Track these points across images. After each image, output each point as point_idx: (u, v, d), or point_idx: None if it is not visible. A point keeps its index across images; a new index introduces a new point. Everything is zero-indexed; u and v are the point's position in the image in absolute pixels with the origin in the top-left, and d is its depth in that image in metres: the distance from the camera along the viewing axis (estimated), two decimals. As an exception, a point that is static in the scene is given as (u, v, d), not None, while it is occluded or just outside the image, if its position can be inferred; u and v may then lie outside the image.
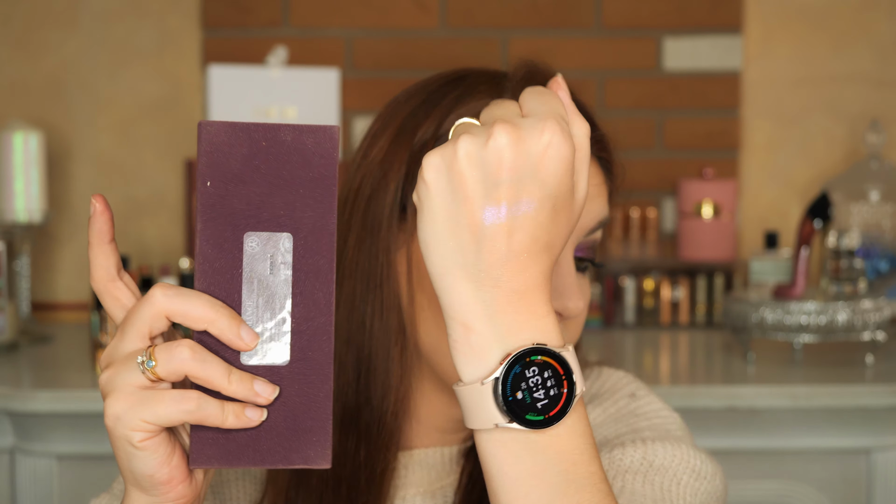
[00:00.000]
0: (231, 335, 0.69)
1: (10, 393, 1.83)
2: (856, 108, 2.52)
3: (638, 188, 2.49)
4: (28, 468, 1.88)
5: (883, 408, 1.85)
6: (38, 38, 2.46)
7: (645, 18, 2.49)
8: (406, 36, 2.48)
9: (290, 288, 0.71)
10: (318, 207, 0.71)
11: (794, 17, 2.52)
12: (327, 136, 0.71)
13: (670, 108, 2.50)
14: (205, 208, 0.70)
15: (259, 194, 0.71)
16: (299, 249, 0.71)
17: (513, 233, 0.70)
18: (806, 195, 2.51)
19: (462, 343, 0.71)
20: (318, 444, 0.71)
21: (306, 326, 0.71)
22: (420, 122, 0.93)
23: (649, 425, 0.97)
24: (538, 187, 0.70)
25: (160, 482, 0.71)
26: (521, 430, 0.70)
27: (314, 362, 0.71)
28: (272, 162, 0.71)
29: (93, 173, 2.48)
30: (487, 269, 0.70)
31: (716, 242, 2.39)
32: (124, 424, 0.69)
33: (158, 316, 0.69)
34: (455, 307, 0.71)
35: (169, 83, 2.48)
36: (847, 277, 2.05)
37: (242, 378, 0.69)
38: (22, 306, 2.26)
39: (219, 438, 0.70)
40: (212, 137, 0.70)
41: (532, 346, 0.70)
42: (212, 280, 0.70)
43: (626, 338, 2.30)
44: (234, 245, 0.71)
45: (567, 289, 0.90)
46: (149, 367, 0.69)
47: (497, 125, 0.69)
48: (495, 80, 0.95)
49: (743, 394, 1.84)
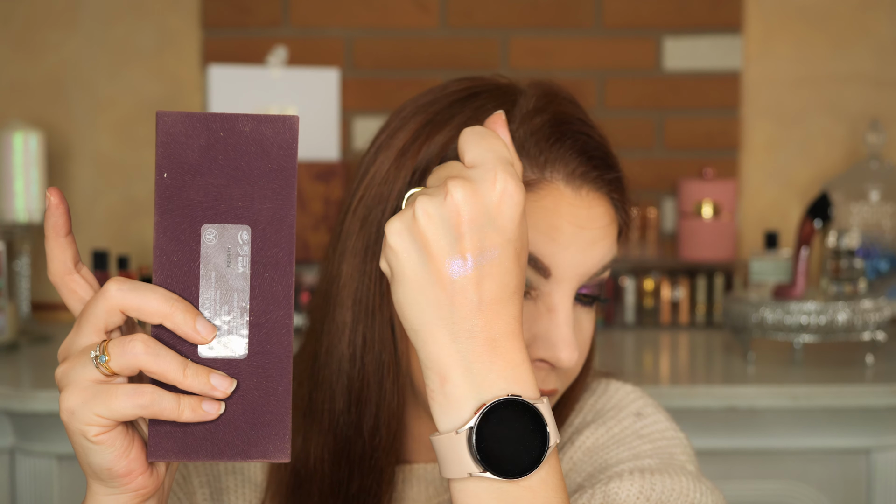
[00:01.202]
0: (187, 329, 0.69)
1: (10, 393, 1.83)
2: (856, 108, 2.52)
3: (638, 188, 2.49)
4: (28, 468, 1.88)
5: (883, 408, 1.85)
6: (38, 38, 2.46)
7: (645, 18, 2.49)
8: (406, 36, 2.48)
9: (248, 281, 0.70)
10: (277, 199, 0.70)
11: (794, 17, 2.52)
12: (286, 126, 0.70)
13: (670, 108, 2.50)
14: (161, 200, 0.69)
15: (217, 186, 0.70)
16: (257, 242, 0.70)
17: (481, 282, 0.71)
18: (806, 195, 2.51)
19: (438, 393, 0.72)
20: (277, 437, 0.71)
21: (265, 320, 0.71)
22: (421, 146, 0.89)
23: (652, 448, 0.95)
24: (499, 234, 0.71)
25: (118, 475, 0.71)
26: (495, 479, 0.71)
27: (273, 356, 0.71)
28: (230, 153, 0.70)
29: (93, 173, 2.48)
30: (461, 320, 0.71)
31: (716, 242, 2.39)
32: (79, 419, 0.69)
33: (113, 310, 0.69)
34: (432, 358, 0.72)
35: (169, 83, 2.48)
36: (847, 277, 2.05)
37: (198, 372, 0.69)
38: (22, 306, 2.26)
39: (176, 432, 0.70)
40: (168, 128, 0.69)
41: (506, 396, 0.71)
42: (168, 273, 0.70)
43: (626, 338, 2.30)
44: (191, 237, 0.70)
45: (561, 340, 0.86)
46: (101, 361, 0.69)
47: (450, 181, 0.71)
48: (505, 104, 0.89)
49: (743, 394, 1.84)
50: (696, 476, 0.93)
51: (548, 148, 0.87)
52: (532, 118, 0.88)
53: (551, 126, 0.87)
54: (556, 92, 0.91)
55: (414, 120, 0.91)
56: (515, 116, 0.88)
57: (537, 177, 0.86)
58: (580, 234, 0.86)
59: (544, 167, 0.86)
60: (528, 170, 0.86)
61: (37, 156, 2.26)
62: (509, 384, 0.72)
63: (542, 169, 0.86)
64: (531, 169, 0.86)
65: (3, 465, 1.90)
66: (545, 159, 0.86)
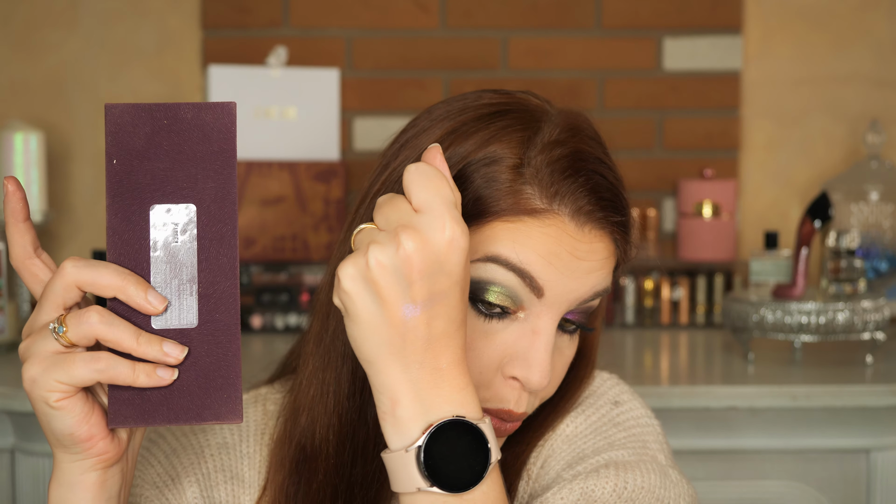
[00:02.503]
0: (139, 300, 0.74)
1: (10, 393, 1.83)
2: (856, 108, 2.52)
3: (638, 188, 2.49)
4: (28, 468, 1.88)
5: (883, 408, 1.85)
6: (38, 38, 2.46)
7: (645, 18, 2.49)
8: (406, 36, 2.48)
9: (195, 255, 0.76)
10: (219, 178, 0.76)
11: (794, 17, 2.52)
12: (225, 111, 0.76)
13: (670, 108, 2.50)
14: (112, 184, 0.75)
15: (163, 169, 0.76)
16: (203, 218, 0.76)
17: (431, 321, 0.77)
18: (806, 195, 2.51)
19: (389, 415, 0.78)
20: (230, 400, 0.76)
21: (213, 290, 0.76)
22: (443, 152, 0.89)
23: (626, 437, 0.99)
24: (447, 278, 0.77)
25: (80, 440, 0.76)
26: (440, 493, 0.77)
27: (221, 324, 0.76)
28: (174, 138, 0.76)
29: (93, 173, 2.48)
30: (412, 354, 0.77)
31: (716, 242, 2.39)
32: (40, 386, 0.74)
33: (70, 287, 0.74)
34: (385, 385, 0.78)
35: (169, 83, 2.48)
36: (847, 277, 2.05)
37: (151, 340, 0.74)
38: (22, 306, 2.26)
39: (134, 398, 0.75)
40: (116, 118, 0.75)
41: (451, 417, 0.77)
42: (121, 251, 0.76)
43: (626, 338, 2.30)
44: (140, 217, 0.75)
45: (538, 363, 0.88)
46: (60, 332, 0.74)
47: (401, 233, 0.75)
48: (529, 129, 0.90)
49: (743, 394, 1.84)
50: (665, 468, 0.97)
51: (560, 181, 0.88)
52: (552, 149, 0.88)
53: (569, 160, 0.88)
54: (581, 126, 0.92)
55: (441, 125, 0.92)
56: (537, 143, 0.89)
57: (545, 207, 0.87)
58: (578, 264, 0.88)
59: (553, 199, 0.87)
60: (536, 199, 0.87)
61: (37, 156, 2.26)
62: (455, 407, 0.78)
63: (550, 200, 0.87)
64: (540, 198, 0.87)
65: (3, 465, 1.90)
66: (556, 191, 0.87)
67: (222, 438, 1.00)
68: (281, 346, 2.03)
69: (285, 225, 2.31)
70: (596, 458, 0.96)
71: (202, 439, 1.00)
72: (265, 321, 2.29)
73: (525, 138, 0.89)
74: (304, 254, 2.31)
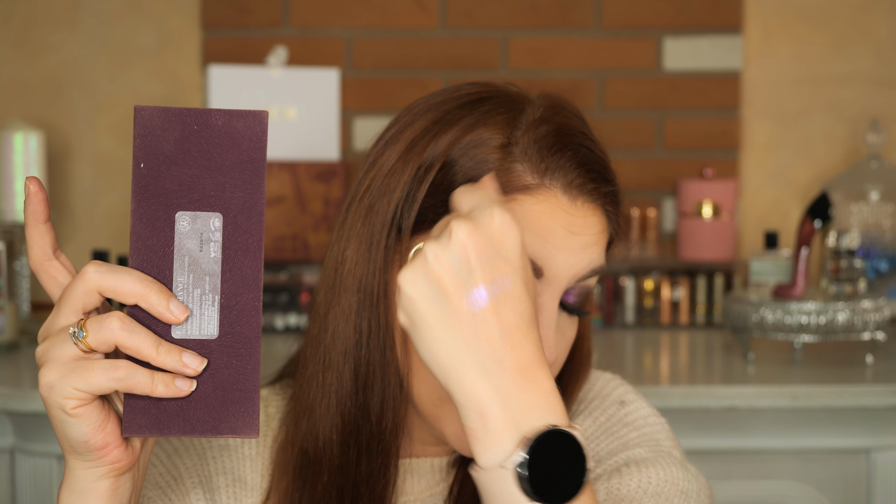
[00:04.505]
0: (161, 308, 0.73)
1: (10, 393, 1.83)
2: (856, 108, 2.52)
3: (638, 188, 2.49)
4: (28, 468, 1.88)
5: (883, 408, 1.85)
6: (38, 38, 2.46)
7: (645, 18, 2.49)
8: (406, 36, 2.48)
9: (219, 265, 0.74)
10: (247, 188, 0.74)
11: (794, 17, 2.52)
12: (257, 120, 0.74)
13: (670, 108, 2.50)
14: (138, 189, 0.74)
15: (190, 175, 0.74)
16: (229, 228, 0.74)
17: (499, 311, 0.75)
18: (806, 195, 2.51)
19: (480, 430, 0.75)
20: (246, 415, 0.74)
21: (235, 302, 0.74)
22: (428, 143, 0.91)
23: (638, 436, 0.99)
24: (506, 264, 0.76)
25: (95, 447, 0.74)
26: None
27: (242, 336, 0.75)
28: (203, 145, 0.74)
29: (93, 173, 2.48)
30: (488, 352, 0.75)
31: (716, 242, 2.39)
32: (57, 392, 0.73)
33: (91, 291, 0.73)
34: (469, 397, 0.75)
35: (169, 83, 2.48)
36: (847, 277, 2.05)
37: (171, 350, 0.73)
38: (22, 306, 2.26)
39: (150, 408, 0.74)
40: (146, 121, 0.74)
41: (546, 428, 0.74)
42: (144, 257, 0.74)
43: (626, 338, 2.30)
44: (165, 224, 0.74)
45: (543, 339, 0.88)
46: (80, 337, 0.72)
47: (452, 223, 0.75)
48: (513, 111, 0.91)
49: (743, 394, 1.84)
50: (683, 462, 0.98)
51: (549, 156, 0.88)
52: (537, 127, 0.89)
53: (555, 136, 0.89)
54: (563, 105, 0.93)
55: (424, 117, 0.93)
56: (521, 123, 0.90)
57: (537, 182, 0.88)
58: (573, 239, 0.88)
59: (544, 174, 0.88)
60: (528, 175, 0.88)
61: (37, 156, 2.26)
62: (544, 413, 0.75)
63: (542, 175, 0.88)
64: (531, 174, 0.88)
65: (3, 465, 1.90)
66: (546, 167, 0.88)
67: (224, 440, 1.00)
68: (281, 347, 2.03)
69: (285, 225, 2.31)
70: (614, 459, 0.97)
71: (204, 440, 1.00)
72: (265, 321, 2.29)
73: (509, 119, 0.90)
74: (303, 254, 2.31)
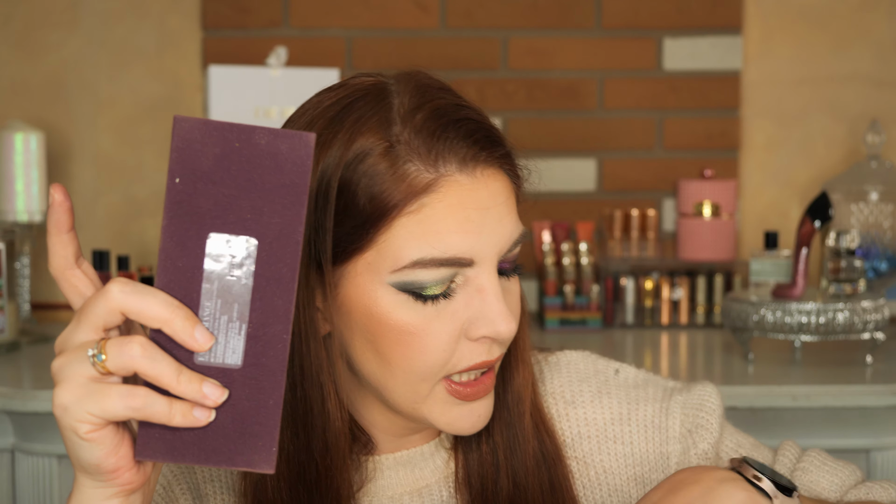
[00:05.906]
0: (185, 336, 0.69)
1: (10, 393, 1.83)
2: (856, 108, 2.52)
3: (638, 188, 2.49)
4: (28, 468, 1.88)
5: (883, 408, 1.85)
6: (38, 38, 2.46)
7: (645, 18, 2.49)
8: (406, 36, 2.48)
9: (249, 293, 0.70)
10: (286, 214, 0.70)
11: (794, 17, 2.52)
12: (302, 143, 0.70)
13: (670, 108, 2.50)
14: (171, 205, 0.69)
15: (227, 195, 0.69)
16: (263, 255, 0.70)
17: None
18: (806, 195, 2.51)
19: None
20: (264, 449, 0.71)
21: (262, 332, 0.70)
22: (314, 170, 0.88)
23: (654, 384, 1.08)
24: None
25: (106, 471, 0.72)
26: None
27: (267, 369, 0.71)
28: (244, 164, 0.69)
29: (93, 173, 2.48)
30: None
31: (716, 242, 2.39)
32: (71, 415, 0.70)
33: (113, 311, 0.70)
34: None
35: (169, 83, 2.48)
36: (847, 277, 2.05)
37: (192, 379, 0.69)
38: (22, 306, 2.26)
39: (165, 434, 0.70)
40: (185, 134, 0.69)
41: None
42: (172, 277, 0.70)
43: (626, 338, 2.30)
44: (196, 244, 0.70)
45: (497, 314, 0.88)
46: (99, 360, 0.69)
47: None
48: (381, 109, 0.89)
49: (743, 394, 1.84)
50: (684, 385, 1.09)
51: (435, 142, 0.87)
52: (413, 117, 0.88)
53: (433, 119, 0.88)
54: (426, 83, 0.92)
55: None
56: (395, 118, 0.88)
57: (433, 176, 0.86)
58: (487, 215, 0.88)
59: (436, 162, 0.87)
60: (422, 171, 0.86)
61: (37, 156, 2.26)
62: None
63: (434, 165, 0.87)
64: (426, 168, 0.86)
65: (3, 465, 1.90)
66: (436, 154, 0.87)
67: None
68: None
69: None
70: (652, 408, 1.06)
71: None
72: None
73: (381, 119, 0.88)
74: (304, 254, 2.30)
